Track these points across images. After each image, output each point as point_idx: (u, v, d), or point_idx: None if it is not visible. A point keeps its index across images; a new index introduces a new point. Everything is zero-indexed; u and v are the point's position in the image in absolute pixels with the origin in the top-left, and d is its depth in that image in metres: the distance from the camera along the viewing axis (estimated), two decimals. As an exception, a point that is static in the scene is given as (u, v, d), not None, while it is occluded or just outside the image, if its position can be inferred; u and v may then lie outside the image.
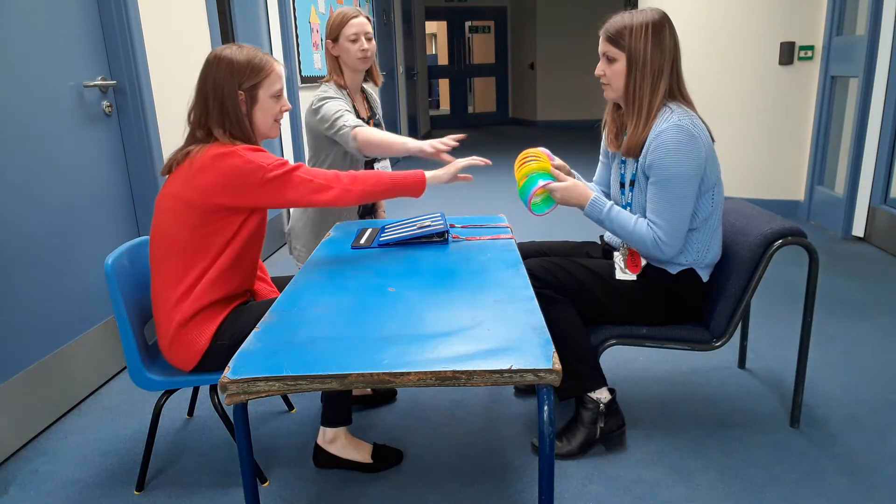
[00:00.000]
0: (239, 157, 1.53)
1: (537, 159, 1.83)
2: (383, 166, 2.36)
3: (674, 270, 1.79)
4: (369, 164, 2.29)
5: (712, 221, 1.77)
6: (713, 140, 1.74)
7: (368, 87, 2.42)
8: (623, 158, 1.85)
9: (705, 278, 1.82)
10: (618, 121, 1.88)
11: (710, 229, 1.78)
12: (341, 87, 2.24)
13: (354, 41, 2.18)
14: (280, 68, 1.67)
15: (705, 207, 1.75)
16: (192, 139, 1.62)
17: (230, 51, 1.60)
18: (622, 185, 1.86)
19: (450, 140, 1.94)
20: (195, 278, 1.58)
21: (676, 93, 1.74)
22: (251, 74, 1.59)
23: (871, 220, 3.79)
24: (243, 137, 1.61)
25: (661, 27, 1.69)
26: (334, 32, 2.20)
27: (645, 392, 2.19)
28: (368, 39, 2.21)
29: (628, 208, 1.84)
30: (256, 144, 1.64)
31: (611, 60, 1.75)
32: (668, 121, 1.67)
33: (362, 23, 2.20)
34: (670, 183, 1.67)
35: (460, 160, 1.86)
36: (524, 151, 1.86)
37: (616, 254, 1.87)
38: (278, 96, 1.66)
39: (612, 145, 1.90)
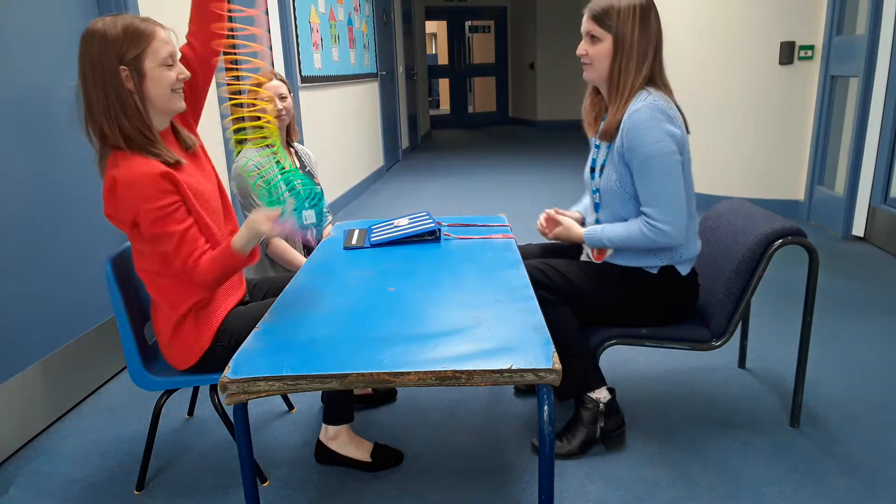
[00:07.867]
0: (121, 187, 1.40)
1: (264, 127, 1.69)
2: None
3: (654, 270, 1.78)
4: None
5: None
6: (688, 131, 1.72)
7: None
8: (597, 143, 1.82)
9: (684, 272, 1.80)
10: (597, 105, 1.84)
11: None
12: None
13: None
14: (165, 33, 1.47)
15: None
16: (96, 141, 1.48)
17: (103, 23, 1.41)
18: (592, 169, 1.84)
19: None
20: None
21: (657, 79, 1.71)
22: (131, 44, 1.41)
23: (871, 219, 3.79)
24: (138, 130, 1.45)
25: (648, 10, 1.66)
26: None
27: (645, 392, 2.19)
28: (283, 98, 2.27)
29: (597, 194, 1.82)
30: (152, 131, 1.48)
31: (594, 40, 1.70)
32: (644, 101, 1.65)
33: (276, 85, 2.25)
34: (652, 161, 1.64)
35: (262, 222, 1.46)
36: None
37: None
38: (170, 64, 1.47)
39: (591, 130, 1.86)
